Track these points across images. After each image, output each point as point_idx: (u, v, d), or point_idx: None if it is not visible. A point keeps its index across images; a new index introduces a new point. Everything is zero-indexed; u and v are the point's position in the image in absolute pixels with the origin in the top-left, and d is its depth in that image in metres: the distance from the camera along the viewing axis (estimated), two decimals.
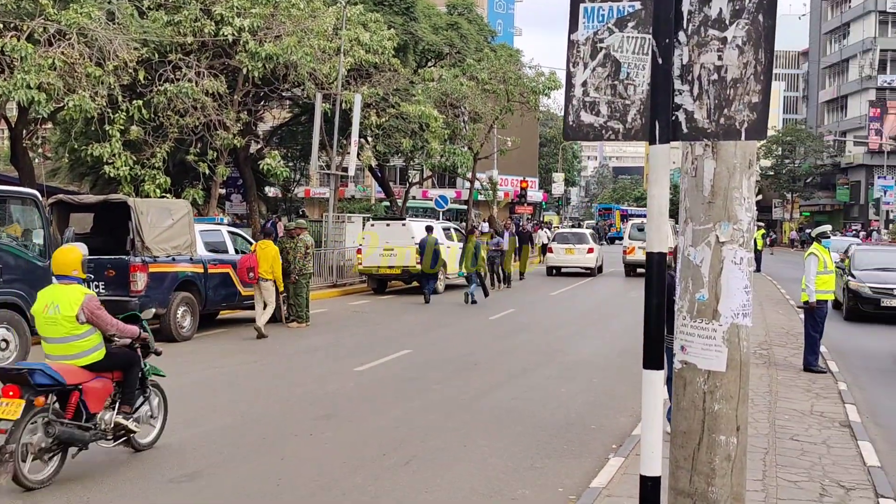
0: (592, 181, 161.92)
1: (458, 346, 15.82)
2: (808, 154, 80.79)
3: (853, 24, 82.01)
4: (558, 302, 24.77)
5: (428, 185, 54.78)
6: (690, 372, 4.20)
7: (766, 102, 3.07)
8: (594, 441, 9.32)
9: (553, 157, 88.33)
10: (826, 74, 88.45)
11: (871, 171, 74.33)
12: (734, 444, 4.17)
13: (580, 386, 12.27)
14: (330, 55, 26.11)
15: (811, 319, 13.42)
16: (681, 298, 4.25)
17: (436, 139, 30.79)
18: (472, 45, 38.88)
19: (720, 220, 4.09)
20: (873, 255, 22.56)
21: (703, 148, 4.09)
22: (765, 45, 3.07)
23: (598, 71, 3.32)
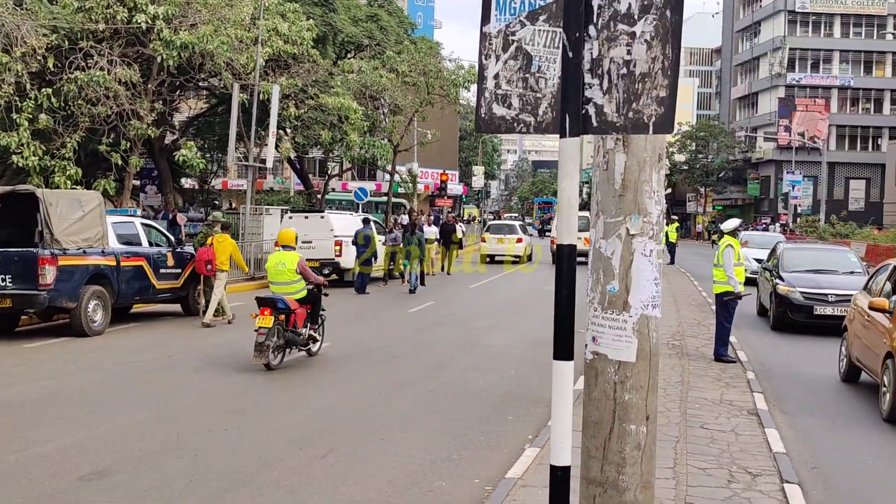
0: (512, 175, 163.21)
1: (377, 339, 15.79)
2: (720, 149, 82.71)
3: (764, 22, 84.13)
4: (477, 294, 24.90)
5: (347, 177, 54.53)
6: (601, 363, 4.25)
7: (673, 97, 3.11)
8: (511, 432, 9.40)
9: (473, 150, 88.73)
10: (738, 72, 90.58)
11: (781, 166, 76.42)
12: (644, 433, 4.24)
13: (497, 377, 12.35)
14: (247, 45, 25.77)
15: (724, 311, 13.74)
16: (592, 290, 4.29)
17: (355, 131, 30.64)
18: (392, 37, 38.78)
19: (631, 212, 4.14)
20: (804, 255, 19.70)
21: (614, 142, 4.13)
22: (672, 40, 3.11)
23: (509, 64, 3.33)
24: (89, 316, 15.43)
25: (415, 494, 7.29)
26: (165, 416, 9.81)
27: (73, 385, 11.42)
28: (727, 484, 7.39)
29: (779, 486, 7.38)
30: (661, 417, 9.53)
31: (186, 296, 18.51)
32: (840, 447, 9.20)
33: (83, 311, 15.27)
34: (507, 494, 6.99)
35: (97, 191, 20.00)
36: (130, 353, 13.97)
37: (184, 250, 18.46)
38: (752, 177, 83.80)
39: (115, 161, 23.45)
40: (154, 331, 16.49)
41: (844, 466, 8.47)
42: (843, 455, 8.89)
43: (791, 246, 21.43)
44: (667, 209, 76.13)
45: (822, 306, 17.07)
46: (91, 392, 11.04)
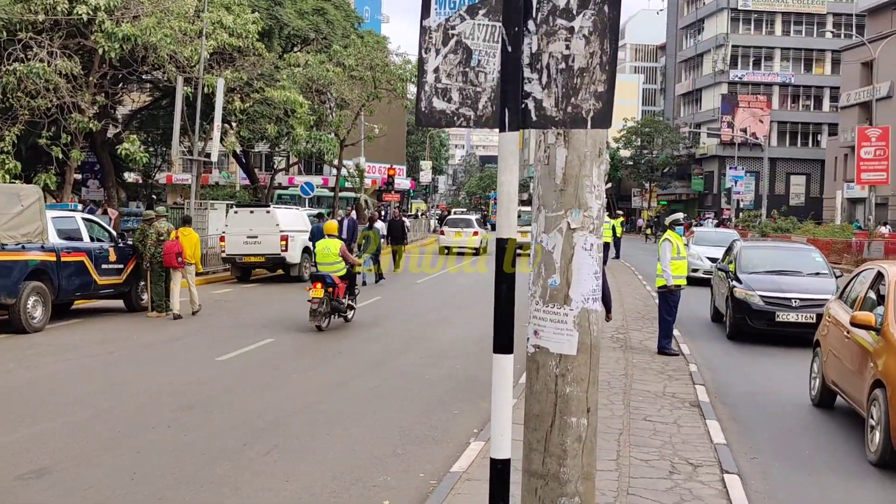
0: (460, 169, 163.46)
1: (323, 335, 15.70)
2: (665, 145, 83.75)
3: (707, 20, 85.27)
4: (424, 289, 24.90)
5: (294, 171, 54.15)
6: (543, 356, 4.27)
7: (611, 92, 3.14)
8: (456, 426, 9.42)
9: (421, 144, 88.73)
10: (682, 68, 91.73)
11: (724, 161, 77.61)
12: (585, 426, 4.27)
13: (443, 372, 12.37)
14: (191, 38, 25.45)
15: (665, 304, 13.91)
16: (534, 284, 4.31)
17: (301, 125, 30.44)
18: (338, 31, 38.56)
19: (571, 207, 4.16)
20: (764, 254, 17.71)
21: (555, 136, 4.15)
22: (610, 35, 3.13)
23: (449, 58, 3.33)
24: (29, 313, 15.13)
25: (359, 489, 7.28)
26: (107, 413, 9.66)
27: (12, 383, 11.20)
28: (669, 475, 7.49)
29: (719, 476, 7.50)
30: (605, 410, 9.63)
31: (129, 291, 18.25)
32: (780, 437, 9.37)
33: (22, 307, 14.97)
34: (451, 488, 7.00)
35: (37, 185, 19.62)
36: (72, 350, 13.73)
37: (126, 245, 18.19)
38: (696, 172, 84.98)
39: (56, 155, 23.02)
40: (96, 327, 16.24)
41: (783, 456, 8.62)
42: (782, 445, 9.05)
43: (749, 244, 19.12)
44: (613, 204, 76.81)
45: (785, 312, 15.09)
46: (31, 390, 10.84)
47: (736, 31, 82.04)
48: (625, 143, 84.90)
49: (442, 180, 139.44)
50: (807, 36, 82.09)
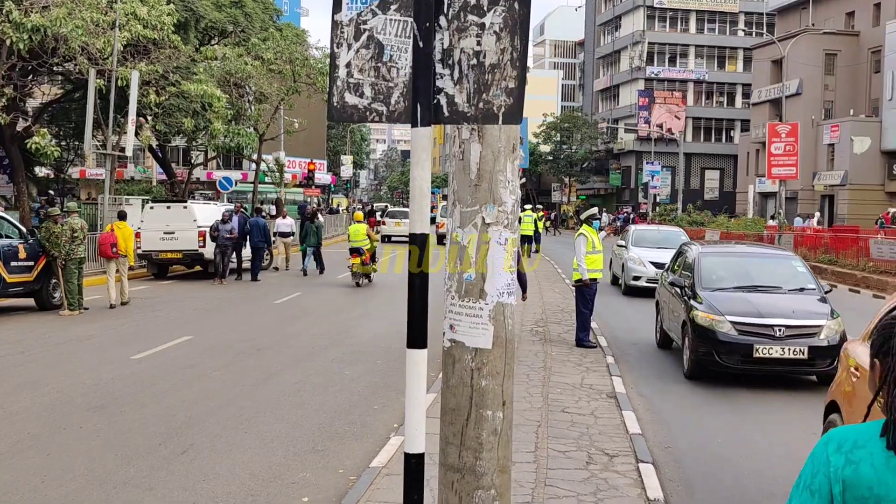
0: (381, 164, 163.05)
1: (242, 332, 15.53)
2: (584, 140, 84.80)
3: (624, 17, 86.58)
4: (346, 284, 24.79)
5: (212, 166, 53.34)
6: (459, 350, 4.29)
7: (521, 88, 3.16)
8: (376, 422, 9.41)
9: (342, 139, 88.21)
10: (600, 64, 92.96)
11: (641, 156, 78.98)
12: (500, 419, 4.30)
13: (364, 368, 12.34)
14: (104, 29, 24.85)
15: (582, 297, 14.09)
16: (449, 279, 4.32)
17: (219, 119, 30.00)
18: (257, 23, 38.10)
19: (486, 202, 4.18)
20: (730, 264, 13.36)
21: (469, 132, 4.17)
22: (520, 32, 3.16)
23: (361, 52, 3.32)
24: None
25: (278, 487, 7.22)
26: (16, 414, 9.40)
27: None
28: (585, 465, 7.60)
29: (634, 465, 7.63)
30: (524, 402, 9.72)
31: (41, 290, 17.77)
32: (693, 427, 9.58)
33: None
34: (370, 483, 7.00)
35: None
36: None
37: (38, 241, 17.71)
38: (614, 167, 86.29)
39: None
40: (6, 326, 15.77)
41: (696, 445, 8.82)
42: (695, 435, 9.25)
43: (710, 250, 13.89)
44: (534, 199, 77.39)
45: (767, 345, 11.11)
46: None
47: (652, 29, 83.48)
48: (544, 139, 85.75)
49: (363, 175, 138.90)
50: (720, 34, 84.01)
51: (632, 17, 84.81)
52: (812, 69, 58.27)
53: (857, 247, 29.21)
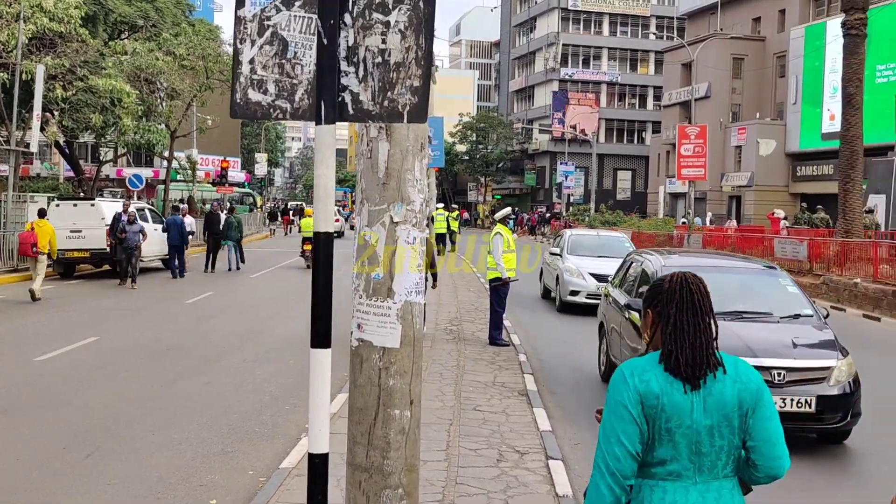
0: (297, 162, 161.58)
1: (152, 332, 15.22)
2: (499, 140, 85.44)
3: (539, 18, 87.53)
4: (259, 283, 24.50)
5: (122, 163, 52.18)
6: (366, 349, 4.27)
7: (426, 87, 3.16)
8: (288, 422, 9.32)
9: (256, 137, 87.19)
10: (516, 65, 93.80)
11: (555, 157, 79.93)
12: (408, 418, 4.29)
13: (276, 367, 12.21)
14: (8, 21, 24.11)
15: (496, 296, 14.18)
16: (357, 278, 4.30)
17: (129, 115, 29.36)
18: (168, 18, 37.40)
19: (394, 201, 4.17)
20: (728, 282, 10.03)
21: (377, 130, 4.16)
22: (425, 30, 3.15)
23: (265, 49, 3.27)
24: None
25: (186, 489, 7.09)
26: None
27: None
28: (496, 463, 7.65)
29: (544, 462, 7.71)
30: (436, 401, 9.74)
31: None
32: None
33: None
34: (280, 484, 6.92)
35: None
36: None
37: None
38: (529, 167, 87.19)
39: None
40: None
41: None
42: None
43: (677, 262, 10.61)
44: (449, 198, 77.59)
45: None
46: None
47: (566, 31, 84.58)
48: (461, 138, 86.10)
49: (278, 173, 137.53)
50: (632, 37, 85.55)
51: (546, 18, 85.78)
52: (720, 73, 59.71)
53: (762, 246, 30.05)
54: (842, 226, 26.14)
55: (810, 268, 25.62)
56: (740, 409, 3.02)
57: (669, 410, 2.98)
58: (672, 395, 2.99)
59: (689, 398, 2.99)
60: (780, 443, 3.09)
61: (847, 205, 25.72)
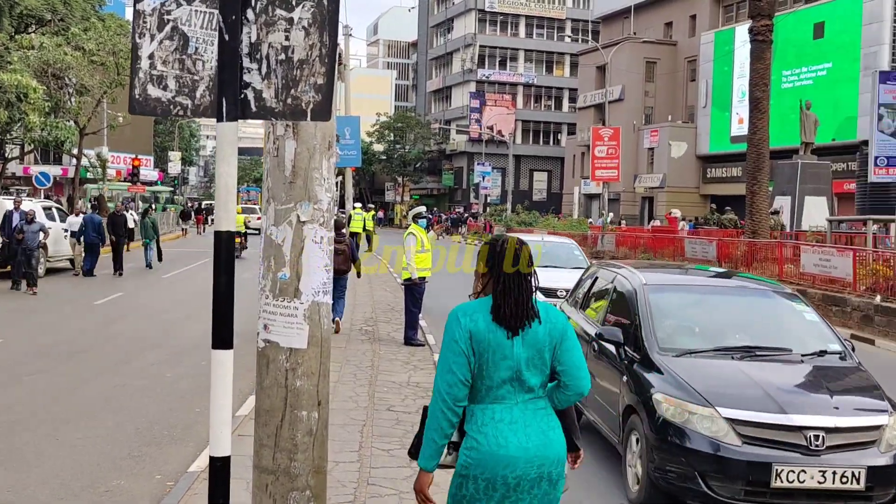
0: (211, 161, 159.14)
1: (58, 334, 14.80)
2: (417, 140, 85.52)
3: (456, 19, 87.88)
4: (171, 284, 24.05)
5: (29, 160, 50.70)
6: (273, 350, 4.22)
7: (330, 85, 3.13)
8: (198, 424, 9.15)
9: (169, 135, 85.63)
10: (433, 65, 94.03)
11: (472, 157, 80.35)
12: (315, 419, 4.26)
13: (188, 370, 11.99)
14: None
15: (411, 296, 14.17)
16: (264, 277, 4.25)
17: (35, 111, 28.56)
18: (77, 12, 36.50)
19: (301, 199, 4.14)
20: (697, 305, 8.27)
21: (284, 128, 4.11)
22: (329, 28, 3.13)
23: (165, 44, 3.20)
24: None
25: (90, 495, 6.91)
26: None
27: None
28: (409, 463, 7.62)
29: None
30: (350, 402, 9.69)
31: None
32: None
33: None
34: (188, 489, 6.79)
35: None
36: None
37: None
38: (447, 167, 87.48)
39: None
40: None
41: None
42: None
43: (661, 280, 8.58)
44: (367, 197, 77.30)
45: (796, 463, 6.22)
46: None
47: (483, 32, 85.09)
48: (378, 138, 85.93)
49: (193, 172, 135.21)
50: (548, 39, 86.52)
51: (464, 19, 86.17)
52: (634, 76, 60.81)
53: (673, 246, 30.70)
54: (749, 226, 26.83)
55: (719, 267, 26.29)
56: (550, 344, 3.80)
57: (494, 346, 3.70)
58: (497, 333, 3.72)
59: (511, 338, 3.73)
60: (583, 367, 3.86)
61: (754, 206, 26.39)
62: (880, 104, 19.53)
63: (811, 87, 45.99)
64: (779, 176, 33.18)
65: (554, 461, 3.80)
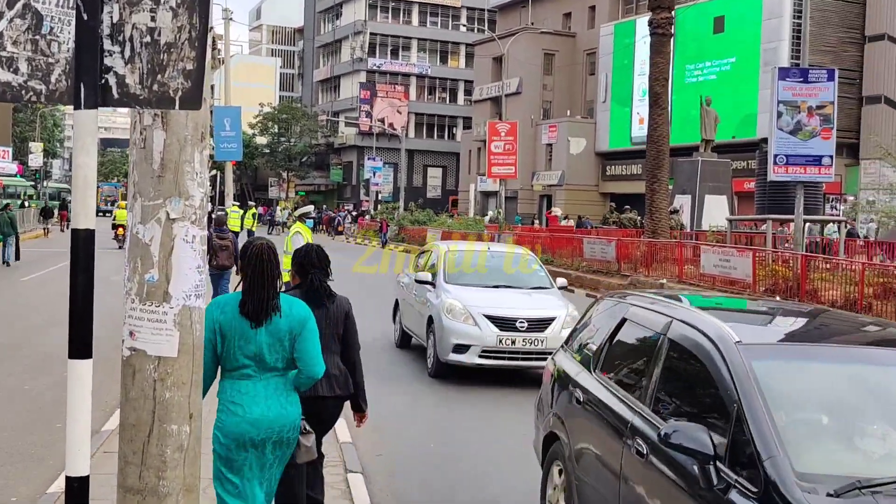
0: None
1: None
2: (303, 133, 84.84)
3: (346, 5, 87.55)
4: (32, 287, 23.27)
5: None
6: (140, 359, 4.10)
7: (201, 70, 3.05)
8: (60, 441, 8.82)
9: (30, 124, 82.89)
10: (321, 53, 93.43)
11: (363, 152, 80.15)
12: (187, 434, 4.16)
13: (50, 381, 11.60)
14: None
15: None
16: (130, 280, 4.13)
17: None
18: None
19: (171, 195, 4.03)
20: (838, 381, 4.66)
21: (152, 117, 3.99)
22: (200, 9, 3.05)
23: (16, 23, 3.07)
24: None
25: None
26: None
27: None
28: None
29: (343, 476, 7.68)
30: None
31: None
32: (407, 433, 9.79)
33: None
34: None
35: None
36: None
37: None
38: (335, 162, 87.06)
39: None
40: None
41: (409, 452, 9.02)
42: (408, 441, 9.46)
43: (762, 338, 5.28)
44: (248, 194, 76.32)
45: None
46: None
47: (374, 19, 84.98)
48: (261, 130, 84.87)
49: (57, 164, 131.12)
50: (442, 28, 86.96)
51: (353, 5, 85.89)
52: (532, 68, 61.62)
53: (571, 246, 31.21)
54: (649, 226, 27.48)
55: (618, 268, 26.85)
56: (290, 334, 4.89)
57: (240, 333, 4.85)
58: (242, 323, 4.87)
59: (255, 328, 4.83)
60: (316, 355, 4.96)
61: (654, 205, 27.04)
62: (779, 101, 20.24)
63: (715, 83, 47.37)
64: (679, 174, 34.10)
65: (290, 427, 4.96)
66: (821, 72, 21.64)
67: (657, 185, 26.99)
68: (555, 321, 12.28)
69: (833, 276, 18.79)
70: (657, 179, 26.98)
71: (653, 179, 27.12)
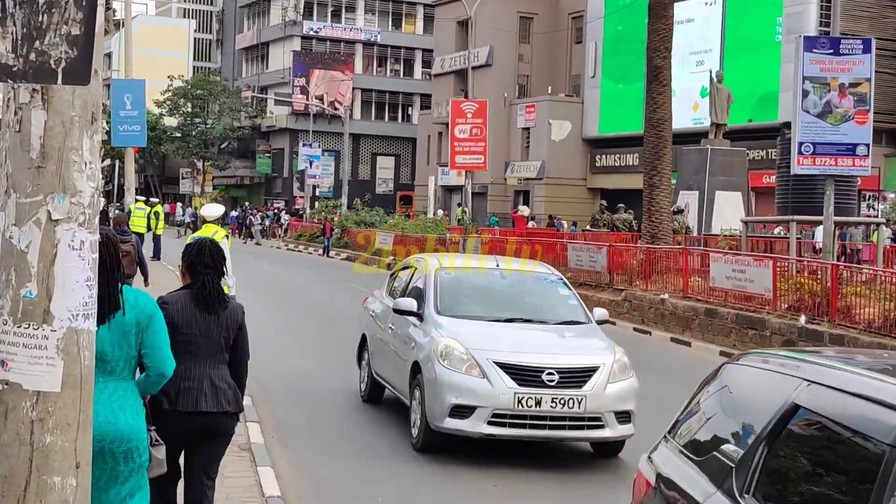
0: None
1: None
2: (223, 113, 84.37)
3: None
4: None
5: None
6: (13, 395, 4.06)
7: (90, 37, 3.03)
8: None
9: None
10: (244, 15, 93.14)
11: (297, 136, 79.78)
12: (73, 487, 4.13)
13: None
14: None
15: None
16: (1, 297, 4.09)
17: None
18: None
19: (54, 190, 4.00)
20: None
21: (30, 94, 3.96)
22: None
23: None
24: None
25: None
26: None
27: None
28: None
29: None
30: None
31: None
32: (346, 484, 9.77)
33: None
34: None
35: None
36: None
37: None
38: (263, 149, 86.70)
39: None
40: None
41: None
42: (350, 494, 9.44)
43: None
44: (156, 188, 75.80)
45: None
46: None
47: None
48: (170, 109, 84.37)
49: None
50: None
51: None
52: (505, 35, 61.71)
53: (553, 253, 31.20)
54: (647, 229, 27.47)
55: (610, 281, 26.93)
56: (137, 327, 5.22)
57: None
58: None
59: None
60: (166, 349, 5.36)
61: (653, 203, 27.05)
62: (805, 77, 20.31)
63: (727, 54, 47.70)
64: (684, 165, 34.23)
65: (139, 437, 5.19)
66: (855, 42, 21.77)
67: (657, 178, 27.06)
68: (597, 371, 10.49)
69: (870, 290, 18.88)
70: (657, 172, 27.05)
71: (652, 172, 27.19)
